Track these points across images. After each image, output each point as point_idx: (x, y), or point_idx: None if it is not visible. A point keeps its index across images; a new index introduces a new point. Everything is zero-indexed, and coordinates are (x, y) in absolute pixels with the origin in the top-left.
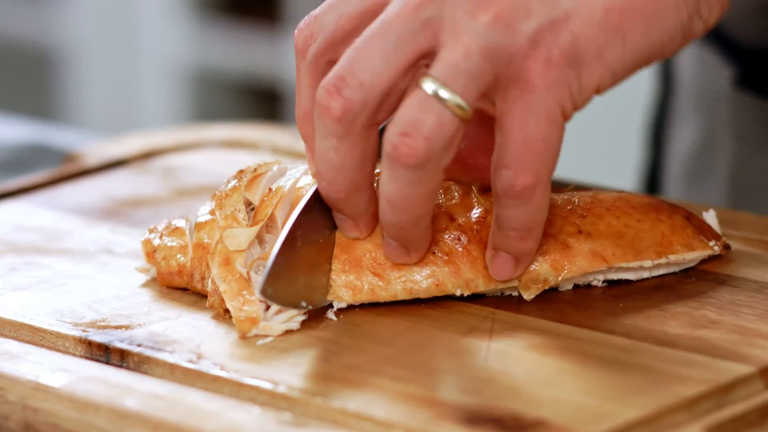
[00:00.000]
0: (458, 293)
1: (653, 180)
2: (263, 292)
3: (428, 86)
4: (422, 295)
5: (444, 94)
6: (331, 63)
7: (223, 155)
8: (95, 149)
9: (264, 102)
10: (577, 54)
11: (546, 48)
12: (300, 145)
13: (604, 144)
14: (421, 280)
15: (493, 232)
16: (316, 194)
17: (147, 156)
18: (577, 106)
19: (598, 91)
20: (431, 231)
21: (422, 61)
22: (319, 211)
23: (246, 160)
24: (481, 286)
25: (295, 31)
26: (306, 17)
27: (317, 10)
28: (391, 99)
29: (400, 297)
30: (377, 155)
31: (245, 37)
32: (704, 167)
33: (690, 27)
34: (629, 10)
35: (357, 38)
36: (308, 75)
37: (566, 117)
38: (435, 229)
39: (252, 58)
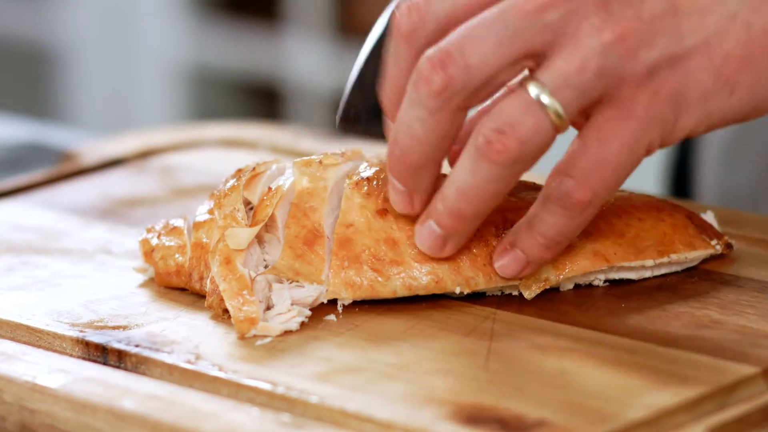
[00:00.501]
0: (458, 291)
1: (682, 167)
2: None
3: (533, 90)
4: (422, 292)
5: (547, 100)
6: None
7: (222, 154)
8: (92, 148)
9: (263, 101)
10: (684, 95)
11: (658, 82)
12: (299, 144)
13: None
14: (421, 276)
15: (519, 228)
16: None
17: (145, 155)
18: (664, 145)
19: (690, 135)
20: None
21: (528, 61)
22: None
23: (245, 159)
24: (481, 283)
25: (398, 12)
26: (410, 1)
27: None
28: (489, 88)
29: (400, 294)
30: (456, 137)
31: (244, 34)
32: (740, 155)
33: None
34: (748, 63)
35: (473, 18)
36: (411, 62)
37: (649, 153)
38: None
39: (251, 56)
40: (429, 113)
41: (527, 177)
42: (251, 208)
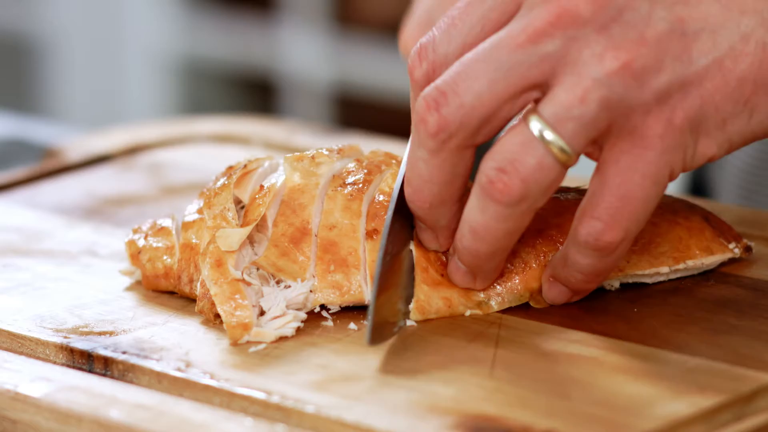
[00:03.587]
0: (468, 314)
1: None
2: (372, 343)
3: (535, 125)
4: (432, 315)
5: (549, 136)
6: None
7: (213, 150)
8: (77, 144)
9: (256, 94)
10: (701, 120)
11: (671, 108)
12: (294, 140)
13: None
14: (432, 299)
15: (557, 263)
16: (401, 198)
17: (132, 151)
18: (686, 170)
19: (712, 159)
20: (504, 265)
21: (531, 93)
22: (403, 217)
23: (237, 155)
24: (494, 306)
25: (409, 61)
26: (419, 46)
27: (431, 39)
28: (491, 125)
29: (412, 318)
30: (469, 173)
31: (237, 24)
32: (764, 182)
33: None
34: (763, 84)
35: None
36: None
37: (672, 179)
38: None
39: (244, 47)
40: (430, 154)
41: None
42: (242, 207)
